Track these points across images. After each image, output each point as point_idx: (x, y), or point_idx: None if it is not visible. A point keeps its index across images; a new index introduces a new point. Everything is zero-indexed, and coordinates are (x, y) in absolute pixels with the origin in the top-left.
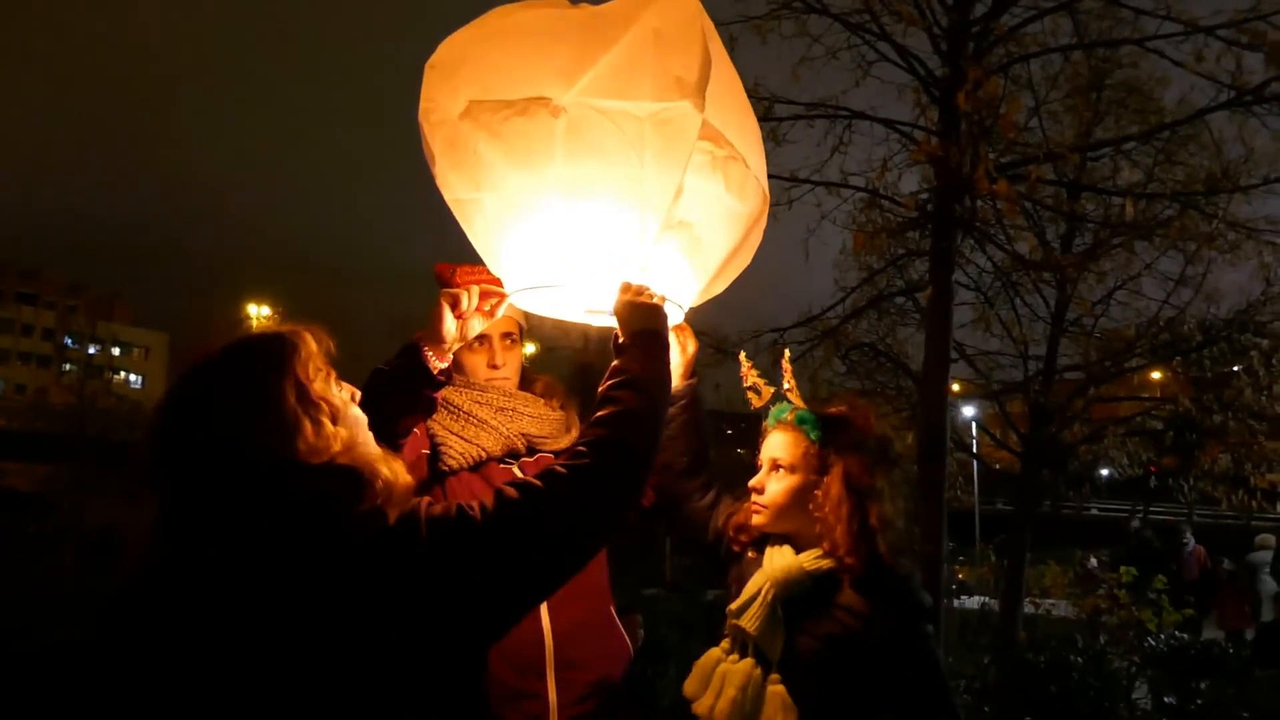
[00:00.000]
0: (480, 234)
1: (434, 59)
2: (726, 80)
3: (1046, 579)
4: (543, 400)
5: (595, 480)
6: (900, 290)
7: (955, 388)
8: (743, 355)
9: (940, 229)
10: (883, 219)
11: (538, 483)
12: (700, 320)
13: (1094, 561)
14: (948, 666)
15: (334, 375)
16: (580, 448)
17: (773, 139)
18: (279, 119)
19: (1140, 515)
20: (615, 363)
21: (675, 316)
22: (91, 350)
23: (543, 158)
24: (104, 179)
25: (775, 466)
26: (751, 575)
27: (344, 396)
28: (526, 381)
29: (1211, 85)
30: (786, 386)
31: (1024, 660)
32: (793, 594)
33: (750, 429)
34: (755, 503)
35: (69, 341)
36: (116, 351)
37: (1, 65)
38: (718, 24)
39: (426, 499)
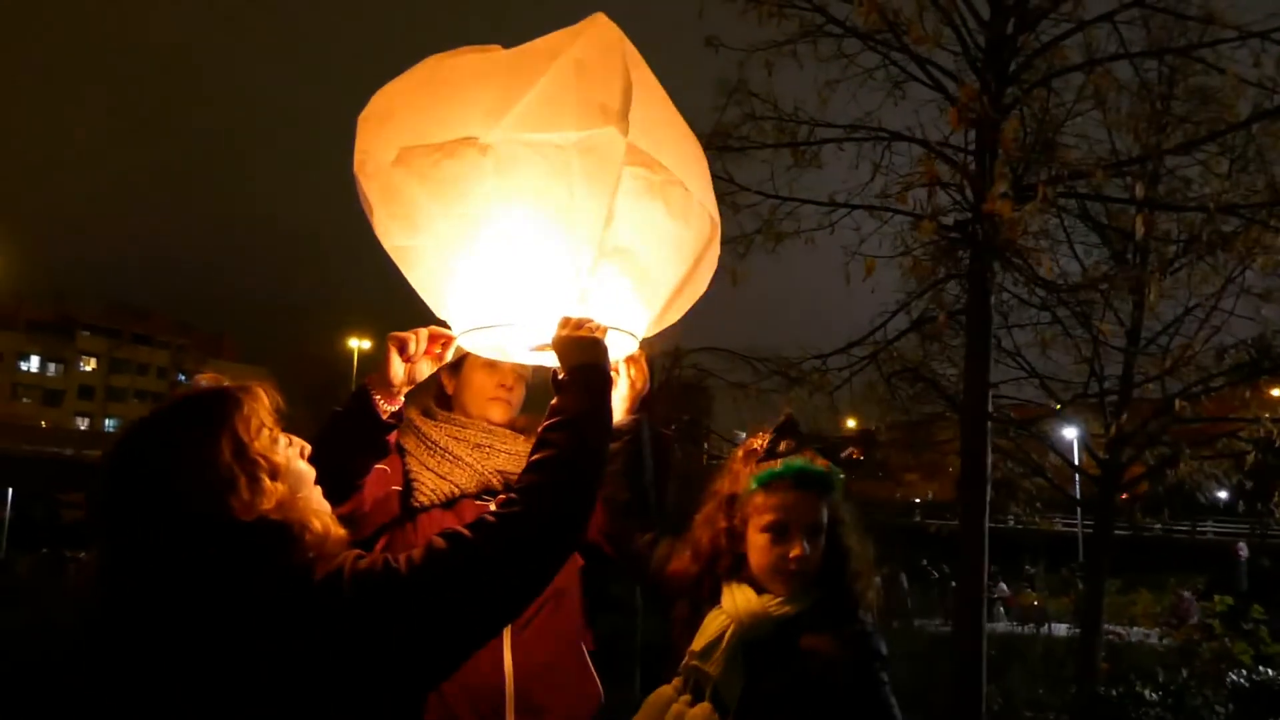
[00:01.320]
0: (422, 279)
1: (366, 111)
2: (660, 108)
3: (1137, 607)
4: (522, 437)
5: (526, 528)
6: (933, 316)
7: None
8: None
9: (976, 252)
10: (918, 241)
11: (467, 533)
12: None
13: (1186, 594)
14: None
15: (279, 431)
16: (513, 494)
17: (814, 163)
18: None
19: (1257, 537)
20: (553, 401)
21: (627, 346)
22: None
23: (474, 197)
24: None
25: (814, 531)
26: (706, 613)
27: (289, 453)
28: (510, 420)
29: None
30: (852, 459)
31: (1096, 694)
32: (753, 637)
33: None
34: (793, 574)
35: (181, 378)
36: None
37: (115, 129)
38: (751, 50)
39: (355, 552)
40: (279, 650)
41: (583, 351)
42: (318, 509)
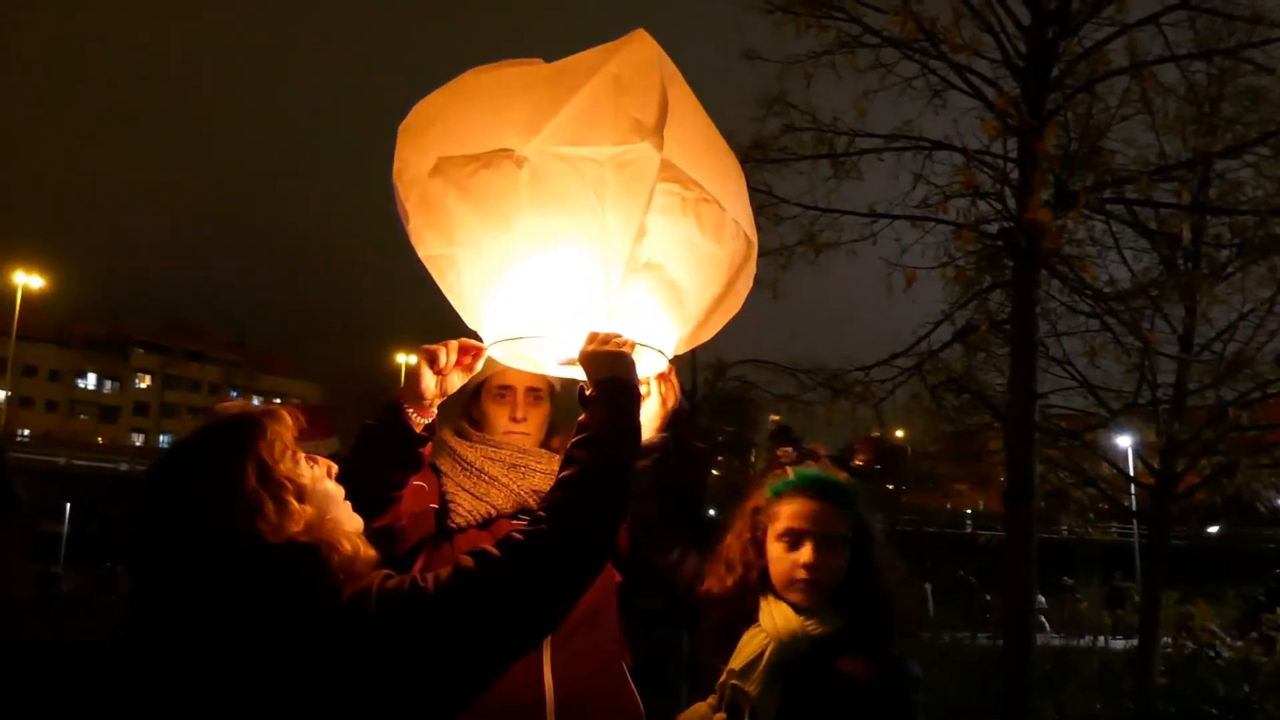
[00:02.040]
0: (454, 289)
1: (406, 121)
2: (696, 126)
3: (1197, 619)
4: (557, 456)
5: (553, 546)
6: (977, 326)
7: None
8: (775, 418)
9: (1019, 260)
10: (960, 250)
11: (494, 552)
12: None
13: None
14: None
15: (302, 453)
16: (540, 512)
17: (854, 174)
18: None
19: None
20: (580, 417)
21: (658, 364)
22: (255, 402)
23: (508, 208)
24: (257, 244)
25: (831, 542)
26: (743, 630)
27: (315, 473)
28: (548, 436)
29: None
30: (859, 465)
31: (1154, 710)
32: (790, 657)
33: (887, 462)
34: (807, 583)
35: (233, 394)
36: (277, 402)
37: (169, 153)
38: (788, 61)
39: (383, 573)
40: (309, 671)
41: (610, 366)
42: (348, 529)
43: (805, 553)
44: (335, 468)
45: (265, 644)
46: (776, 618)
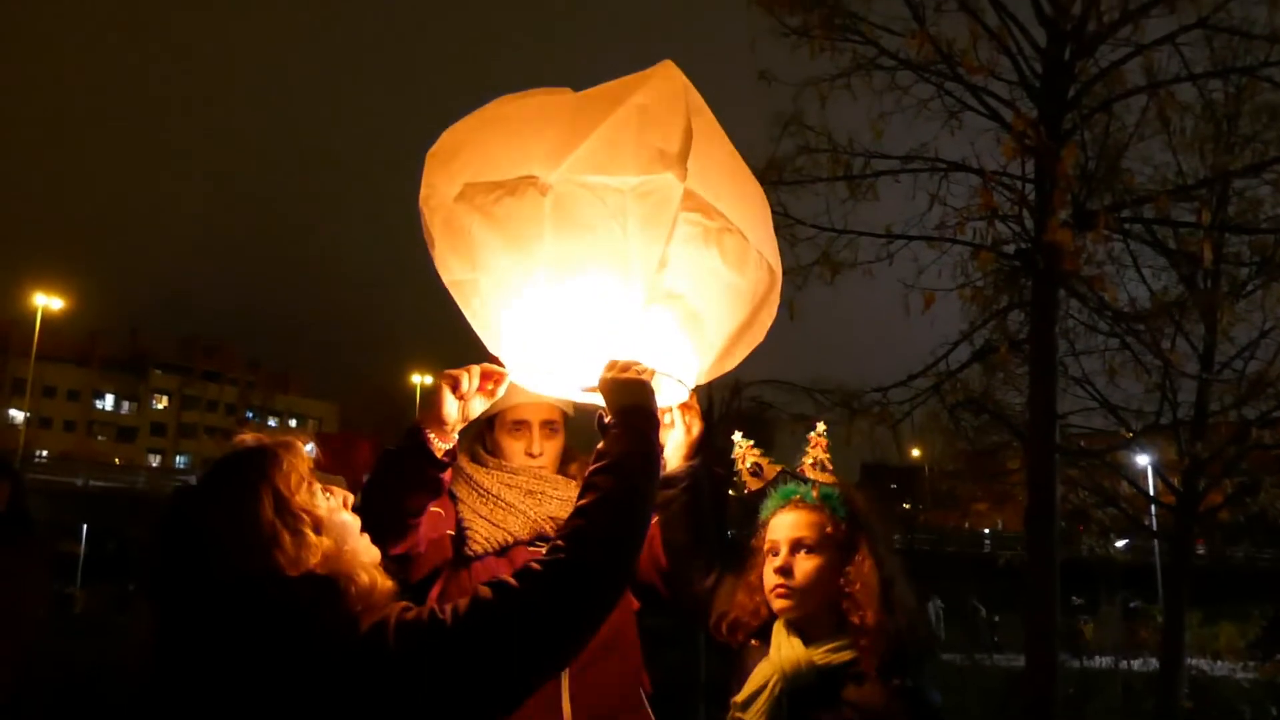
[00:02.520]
0: (477, 314)
1: (434, 148)
2: (721, 157)
3: (1220, 640)
4: (574, 483)
5: (571, 575)
6: (996, 346)
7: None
8: (738, 436)
9: (1038, 280)
10: (978, 271)
11: (512, 582)
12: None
13: None
14: None
15: (318, 484)
16: (558, 541)
17: (871, 195)
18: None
19: None
20: (599, 444)
21: (679, 394)
22: (271, 422)
23: (531, 235)
24: (274, 265)
25: (799, 547)
26: (755, 663)
27: (332, 504)
28: (565, 463)
29: None
30: (813, 462)
31: None
32: (799, 687)
33: (905, 481)
34: (782, 585)
35: (250, 414)
36: (293, 423)
37: (187, 176)
38: (804, 83)
39: (401, 605)
40: (328, 704)
41: (629, 394)
42: (365, 561)
43: (780, 554)
44: (351, 498)
45: (285, 678)
46: (782, 648)
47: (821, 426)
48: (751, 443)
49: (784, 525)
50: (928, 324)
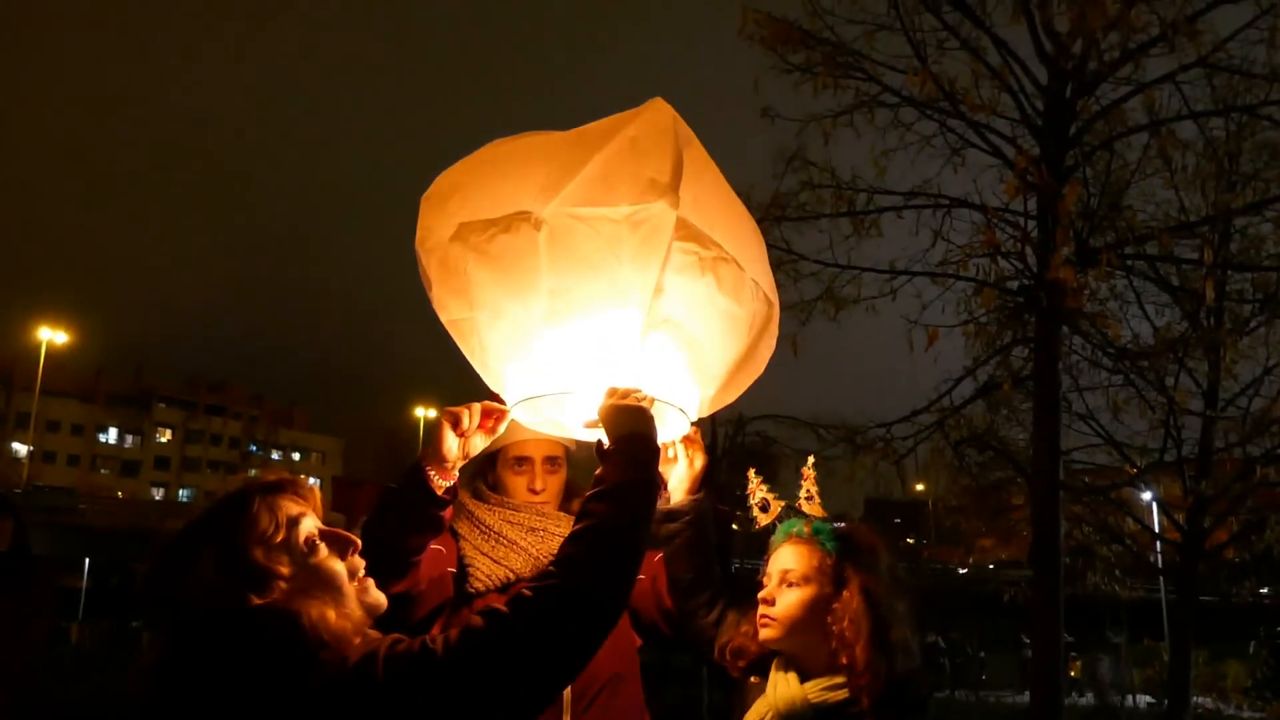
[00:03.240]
0: (476, 352)
1: (428, 191)
2: (714, 188)
3: (1228, 679)
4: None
5: (564, 602)
6: (1000, 382)
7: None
8: (751, 472)
9: (1041, 317)
10: (981, 307)
11: (504, 609)
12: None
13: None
14: None
15: (306, 527)
16: (551, 567)
17: (874, 231)
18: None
19: None
20: (597, 471)
21: (681, 426)
22: (274, 456)
23: (527, 268)
24: (277, 301)
25: (786, 579)
26: (753, 701)
27: (319, 546)
28: (568, 498)
29: None
30: (806, 495)
31: None
32: None
33: (909, 516)
34: (765, 615)
35: (253, 448)
36: (296, 456)
37: (191, 211)
38: (807, 120)
39: (392, 637)
40: None
41: (628, 421)
42: (348, 600)
43: (769, 586)
44: (359, 543)
45: (270, 711)
46: (778, 685)
47: (811, 460)
48: (761, 479)
49: (777, 558)
50: (931, 360)
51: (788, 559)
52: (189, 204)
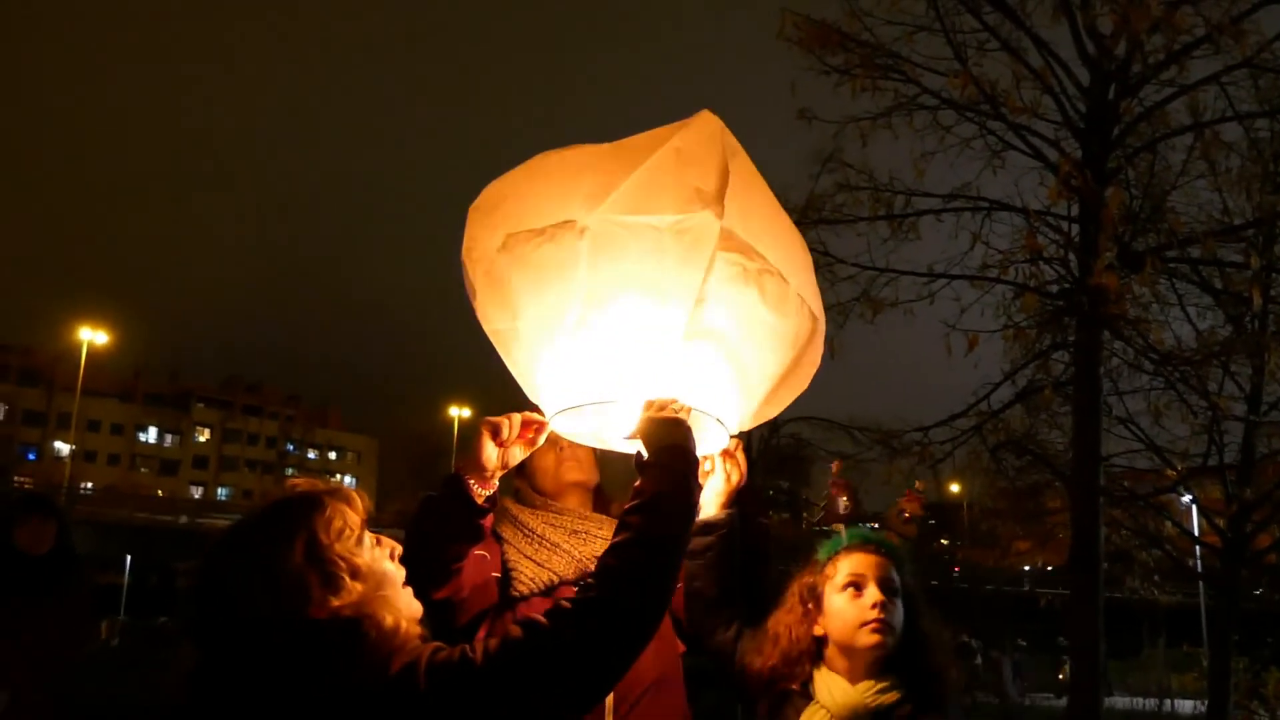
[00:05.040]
0: (518, 362)
1: (476, 201)
2: (760, 201)
3: (1269, 686)
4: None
5: (603, 615)
6: (1040, 387)
7: None
8: (837, 466)
9: (1082, 322)
10: (1021, 311)
11: (544, 621)
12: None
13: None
14: None
15: (365, 532)
16: (590, 580)
17: (912, 234)
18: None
19: None
20: (635, 483)
21: (720, 440)
22: (310, 455)
23: (568, 277)
24: (315, 303)
25: (888, 587)
26: (796, 708)
27: (375, 553)
28: (603, 503)
29: None
30: (907, 514)
31: None
32: None
33: (944, 518)
34: (880, 621)
35: (290, 448)
36: (333, 455)
37: (230, 215)
38: (845, 122)
39: (433, 645)
40: None
41: (665, 433)
42: (398, 608)
43: (873, 593)
44: (399, 549)
45: (313, 717)
46: (835, 692)
47: (921, 485)
48: (848, 479)
49: (867, 563)
50: (969, 364)
51: (884, 568)
52: (226, 206)
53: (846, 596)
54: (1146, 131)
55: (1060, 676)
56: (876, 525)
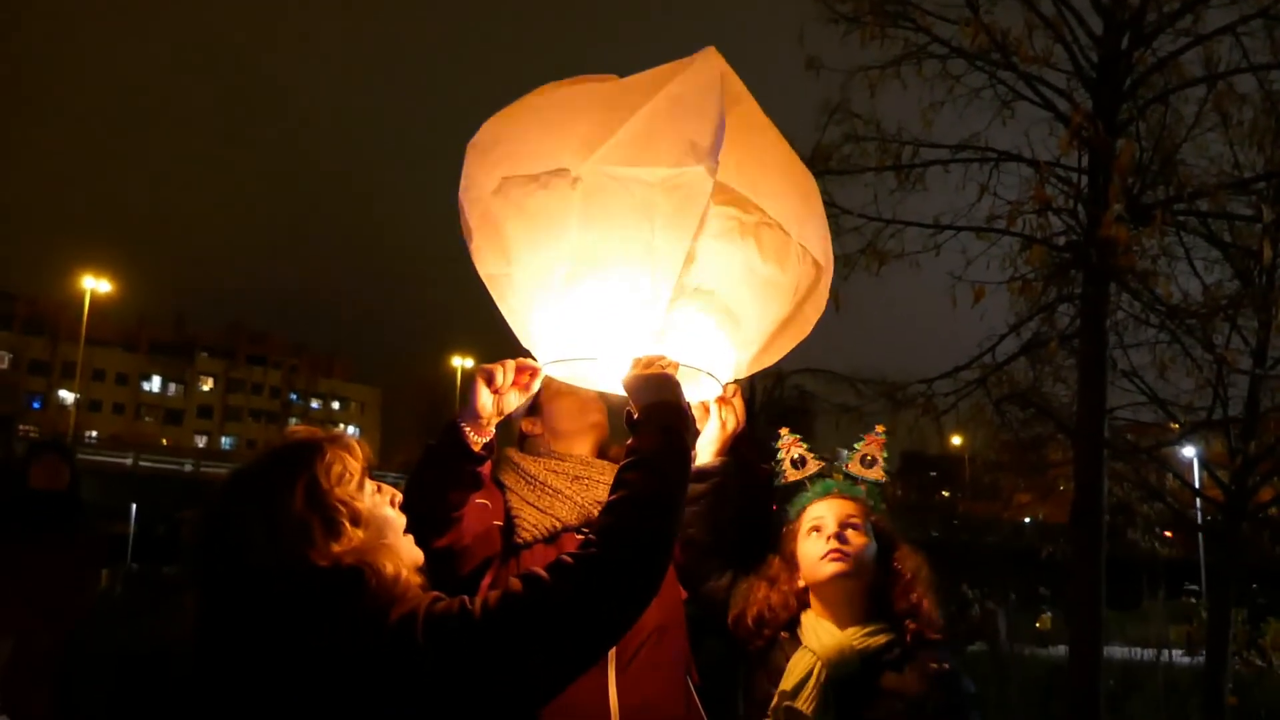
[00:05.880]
0: (512, 309)
1: (474, 139)
2: (764, 147)
3: (1267, 637)
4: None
5: (604, 572)
6: (1045, 339)
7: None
8: (785, 431)
9: (1089, 275)
10: (1027, 263)
11: (544, 575)
12: (869, 370)
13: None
14: None
15: (366, 478)
16: (590, 536)
17: (919, 185)
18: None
19: None
20: (629, 441)
21: (713, 388)
22: (314, 405)
23: (560, 228)
24: (319, 252)
25: (848, 524)
26: (785, 655)
27: (375, 499)
28: (604, 450)
29: None
30: (869, 460)
31: None
32: (840, 675)
33: (945, 470)
34: (838, 550)
35: (294, 397)
36: (336, 406)
37: (235, 165)
38: (853, 71)
39: (431, 595)
40: (355, 693)
41: (653, 389)
42: (400, 556)
43: (829, 528)
44: (400, 496)
45: (312, 669)
46: (822, 635)
47: (881, 428)
48: (798, 437)
49: (828, 508)
50: (974, 316)
51: (844, 509)
52: (231, 153)
53: (809, 540)
54: (1159, 83)
55: (1037, 625)
56: (842, 475)
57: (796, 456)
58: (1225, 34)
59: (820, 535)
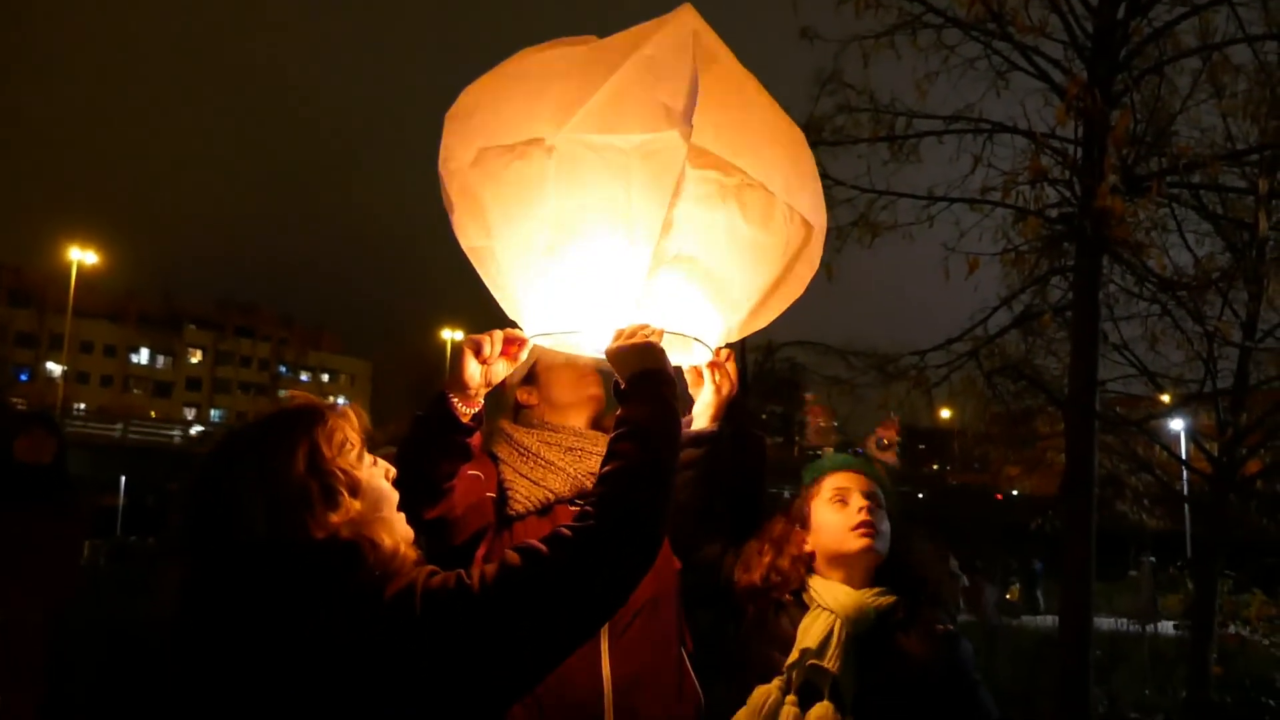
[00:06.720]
0: (495, 281)
1: (452, 109)
2: (746, 105)
3: (1251, 609)
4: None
5: (600, 543)
6: (1038, 312)
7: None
8: (811, 396)
9: (1083, 247)
10: (1021, 235)
11: (541, 548)
12: (860, 341)
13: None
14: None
15: (364, 450)
16: (586, 508)
17: (913, 156)
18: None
19: None
20: (619, 411)
21: (702, 354)
22: (303, 378)
23: (536, 198)
24: (308, 224)
25: (874, 498)
26: (791, 620)
27: (372, 471)
28: (597, 421)
29: None
30: (885, 444)
31: (1208, 700)
32: (859, 633)
33: (935, 443)
34: (870, 525)
35: (283, 370)
36: (325, 378)
37: (223, 134)
38: (847, 40)
39: (428, 569)
40: (351, 668)
41: (638, 359)
42: (395, 529)
43: (858, 501)
44: (394, 471)
45: (307, 642)
46: (839, 595)
47: (894, 416)
48: (826, 405)
49: (851, 479)
50: (967, 289)
51: (869, 484)
52: (219, 125)
53: (834, 509)
54: (1154, 53)
55: (1009, 597)
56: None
57: (825, 425)
58: (1221, 4)
59: (847, 507)
